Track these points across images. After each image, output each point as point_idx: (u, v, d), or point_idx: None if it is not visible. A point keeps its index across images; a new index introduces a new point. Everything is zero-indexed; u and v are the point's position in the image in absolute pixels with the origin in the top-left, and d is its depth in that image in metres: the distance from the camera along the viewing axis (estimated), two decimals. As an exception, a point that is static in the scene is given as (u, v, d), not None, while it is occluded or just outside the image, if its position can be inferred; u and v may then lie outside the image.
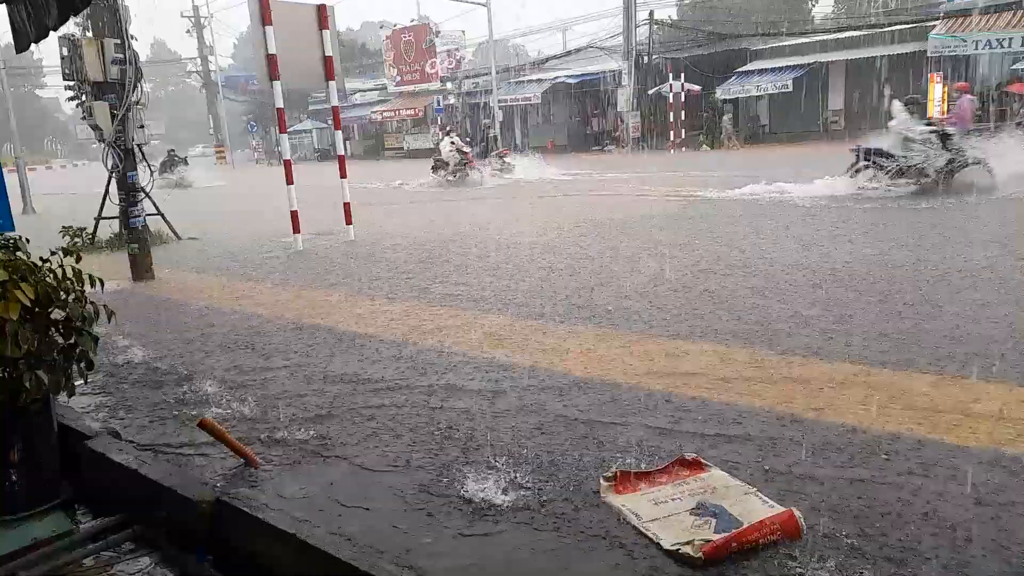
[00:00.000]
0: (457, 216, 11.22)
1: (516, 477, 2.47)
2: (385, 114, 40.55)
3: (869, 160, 10.54)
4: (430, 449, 2.74)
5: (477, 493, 2.38)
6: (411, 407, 3.20)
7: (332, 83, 8.93)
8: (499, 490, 2.39)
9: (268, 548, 2.20)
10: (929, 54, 22.16)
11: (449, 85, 37.57)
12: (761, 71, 26.92)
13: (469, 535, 2.14)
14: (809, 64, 25.56)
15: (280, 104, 8.55)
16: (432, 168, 18.69)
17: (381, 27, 41.61)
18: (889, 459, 2.46)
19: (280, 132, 9.07)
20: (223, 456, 2.76)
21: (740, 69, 27.47)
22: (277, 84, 8.31)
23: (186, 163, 27.44)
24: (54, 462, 2.78)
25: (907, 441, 2.57)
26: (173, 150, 28.11)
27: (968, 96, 14.30)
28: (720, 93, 27.54)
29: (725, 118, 27.14)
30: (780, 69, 26.34)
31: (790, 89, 25.67)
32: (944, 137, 10.14)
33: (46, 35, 4.30)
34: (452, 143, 18.32)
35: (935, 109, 22.99)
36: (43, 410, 2.73)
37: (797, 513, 2.08)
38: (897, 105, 10.69)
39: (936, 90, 22.92)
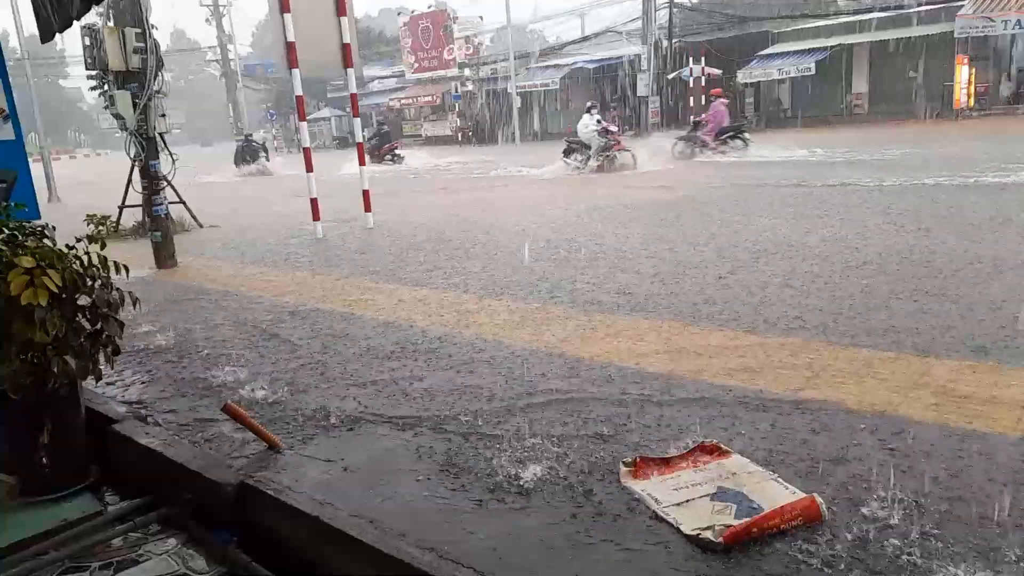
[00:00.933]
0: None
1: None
2: (403, 101, 40.57)
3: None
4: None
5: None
6: (435, 393, 3.22)
7: (350, 70, 8.94)
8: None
9: (292, 530, 2.24)
10: (956, 35, 21.71)
11: (467, 71, 37.45)
12: (784, 54, 26.54)
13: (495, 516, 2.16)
14: (833, 46, 25.14)
15: (299, 92, 8.58)
16: (564, 152, 15.85)
17: (399, 14, 41.53)
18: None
19: (300, 120, 9.10)
20: (247, 440, 2.80)
21: (762, 52, 27.09)
22: (296, 72, 8.33)
23: (265, 150, 24.97)
24: (82, 445, 2.84)
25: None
26: (250, 135, 25.76)
27: (722, 100, 17.33)
28: (741, 77, 27.19)
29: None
30: (803, 52, 25.95)
31: (813, 72, 25.28)
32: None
33: (70, 25, 4.35)
34: (599, 121, 15.16)
35: (961, 93, 22.58)
36: (71, 394, 2.78)
37: (819, 499, 2.07)
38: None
39: (963, 72, 22.47)
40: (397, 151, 23.46)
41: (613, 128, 15.37)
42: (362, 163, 9.37)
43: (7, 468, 2.84)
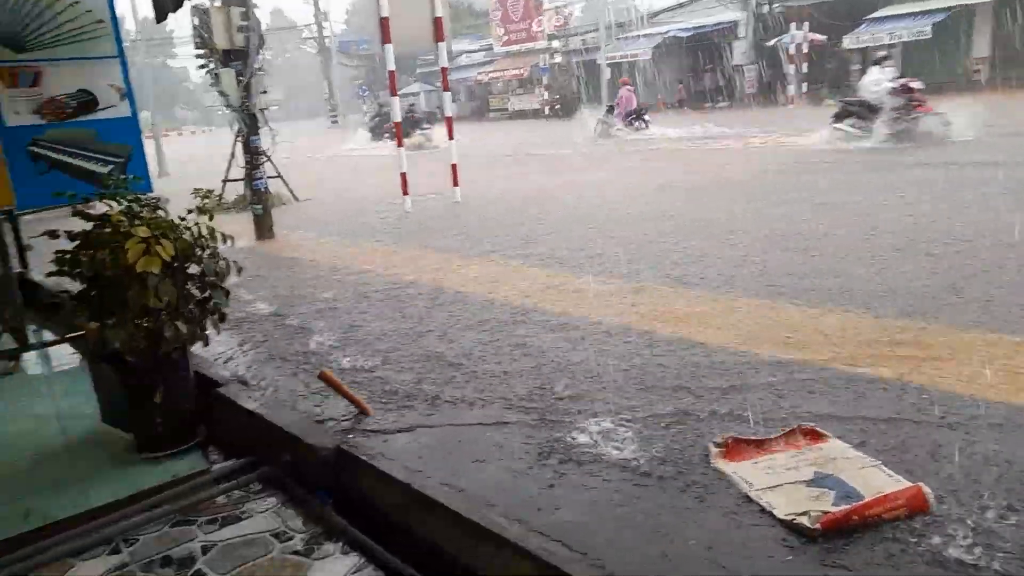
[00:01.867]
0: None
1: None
2: (491, 75, 40.51)
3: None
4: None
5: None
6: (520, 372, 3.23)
7: (441, 44, 8.98)
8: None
9: (385, 496, 2.31)
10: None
11: (556, 43, 36.97)
12: (897, 16, 24.78)
13: (577, 491, 2.15)
14: (952, 7, 23.30)
15: (392, 67, 8.70)
16: (835, 116, 12.45)
17: (489, -13, 41.34)
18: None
19: (391, 95, 9.25)
20: (341, 405, 2.90)
21: (872, 15, 25.41)
22: (389, 47, 8.45)
23: (428, 122, 22.00)
24: (191, 407, 3.01)
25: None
26: (413, 105, 23.95)
27: (628, 87, 19.25)
28: (848, 42, 25.62)
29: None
30: (918, 14, 24.15)
31: (929, 35, 23.53)
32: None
33: (181, 5, 4.54)
34: (893, 79, 11.67)
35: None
36: (181, 358, 2.95)
37: (925, 488, 1.95)
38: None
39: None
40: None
41: (916, 84, 11.56)
42: (451, 137, 9.43)
43: (126, 426, 3.06)
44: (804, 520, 1.91)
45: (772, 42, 27.21)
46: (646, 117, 18.89)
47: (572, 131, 20.76)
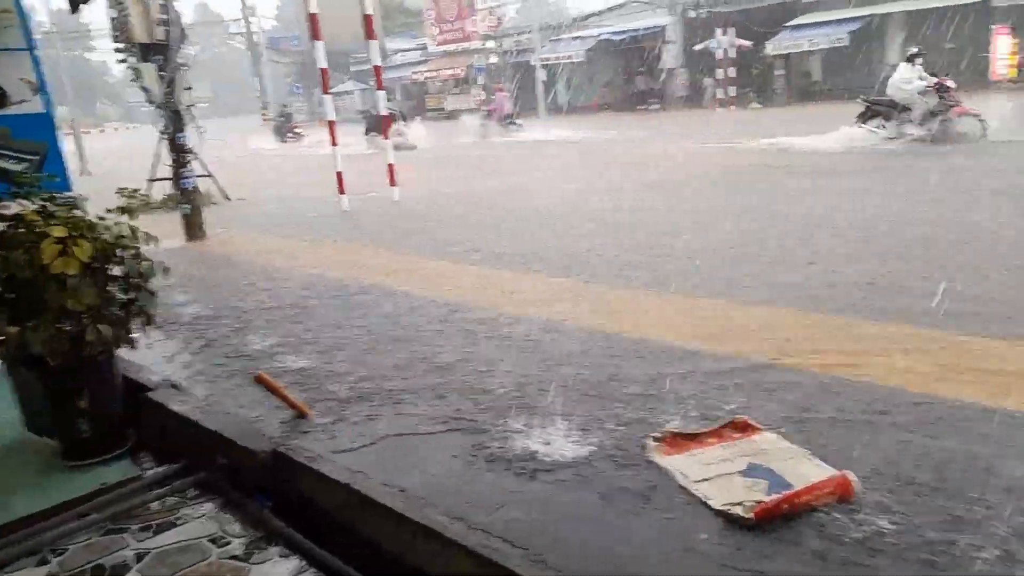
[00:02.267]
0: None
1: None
2: (427, 74, 40.28)
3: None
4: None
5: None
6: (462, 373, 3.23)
7: (373, 42, 8.89)
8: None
9: (326, 498, 2.27)
10: (994, 4, 21.02)
11: (491, 44, 37.05)
12: (815, 24, 25.85)
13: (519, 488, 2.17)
14: (866, 16, 24.45)
15: (323, 64, 8.55)
16: (861, 116, 11.85)
17: (422, -15, 41.11)
18: None
19: (323, 93, 9.09)
20: (278, 408, 2.84)
21: (791, 23, 26.43)
22: (320, 44, 8.31)
23: (404, 119, 20.72)
24: (119, 412, 2.90)
25: None
26: (374, 103, 20.92)
27: (503, 93, 21.80)
28: (771, 48, 26.59)
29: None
30: (835, 22, 25.26)
31: (846, 43, 24.63)
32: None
33: (98, -6, 4.35)
34: (925, 77, 11.13)
35: (998, 63, 21.88)
36: (107, 362, 2.83)
37: (851, 476, 2.05)
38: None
39: (1001, 44, 21.73)
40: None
41: (951, 83, 10.99)
42: (385, 136, 9.34)
43: (52, 434, 2.92)
44: (739, 510, 1.97)
45: (700, 47, 27.98)
46: (518, 121, 21.30)
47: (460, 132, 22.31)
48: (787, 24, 26.51)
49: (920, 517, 1.90)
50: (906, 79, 11.26)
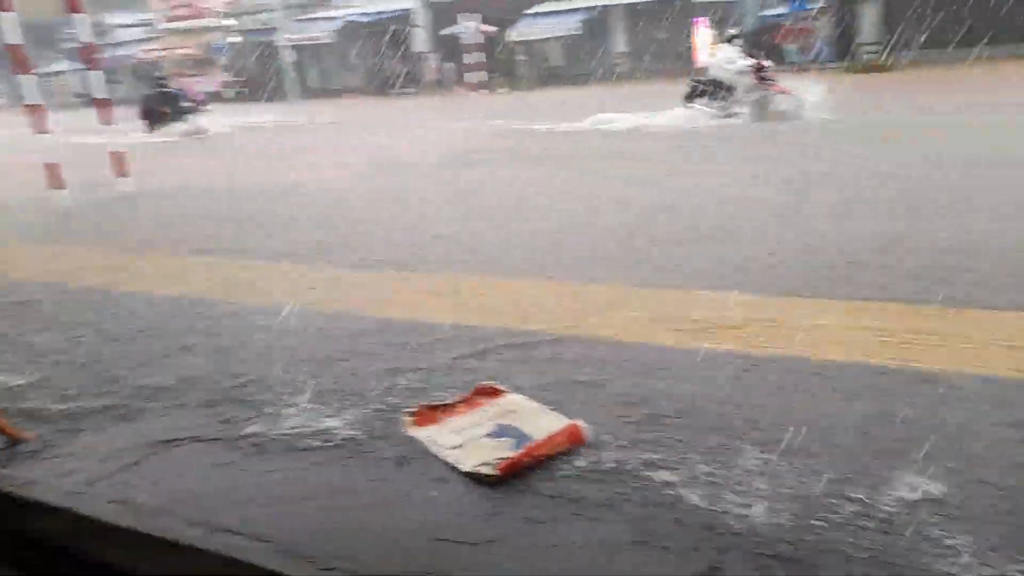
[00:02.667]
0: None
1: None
2: (158, 53, 36.45)
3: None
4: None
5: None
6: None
7: (81, 16, 7.78)
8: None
9: (47, 525, 2.02)
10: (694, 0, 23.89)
11: (233, 21, 34.50)
12: (551, 13, 27.58)
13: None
14: (593, 8, 26.58)
15: (11, 40, 7.23)
16: (687, 96, 12.20)
17: (142, -47, 36.97)
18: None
19: (13, 73, 7.66)
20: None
21: (528, 11, 27.91)
22: (10, 16, 7.09)
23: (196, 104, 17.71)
24: None
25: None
26: (165, 80, 18.79)
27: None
28: (512, 35, 27.89)
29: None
30: (569, 11, 27.17)
31: (581, 32, 26.60)
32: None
33: None
34: (744, 56, 11.80)
35: (701, 55, 24.97)
36: None
37: (581, 423, 2.26)
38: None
39: (701, 35, 24.61)
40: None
41: (767, 63, 11.76)
42: (109, 123, 8.34)
43: None
44: (486, 469, 2.09)
45: (447, 31, 28.51)
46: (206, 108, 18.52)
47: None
48: (526, 12, 27.98)
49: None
50: (730, 59, 11.83)
